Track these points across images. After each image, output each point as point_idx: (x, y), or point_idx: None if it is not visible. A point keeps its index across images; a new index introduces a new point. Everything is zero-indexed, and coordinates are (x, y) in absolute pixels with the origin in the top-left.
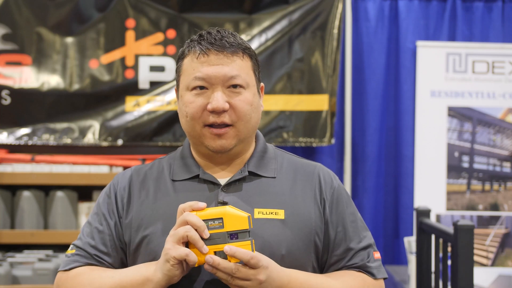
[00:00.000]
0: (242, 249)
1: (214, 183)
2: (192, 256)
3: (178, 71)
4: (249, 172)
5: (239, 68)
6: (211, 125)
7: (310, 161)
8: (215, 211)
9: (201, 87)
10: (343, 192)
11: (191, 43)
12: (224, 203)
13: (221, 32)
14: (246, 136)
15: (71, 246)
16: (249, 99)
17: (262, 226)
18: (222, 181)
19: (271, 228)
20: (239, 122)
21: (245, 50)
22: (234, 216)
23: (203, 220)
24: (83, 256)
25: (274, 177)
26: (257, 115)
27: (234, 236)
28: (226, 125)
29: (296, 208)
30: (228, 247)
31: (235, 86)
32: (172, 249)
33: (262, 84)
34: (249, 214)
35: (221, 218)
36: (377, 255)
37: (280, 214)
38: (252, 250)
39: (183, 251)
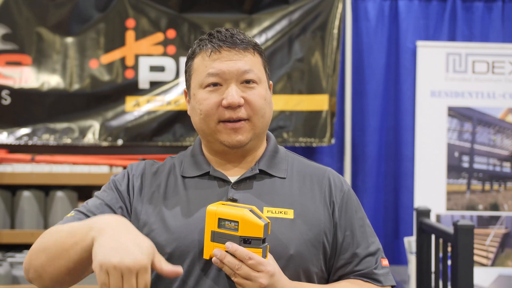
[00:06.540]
0: (243, 248)
1: (224, 180)
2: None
3: (188, 70)
4: (260, 170)
5: (252, 63)
6: (226, 121)
7: (321, 165)
8: (233, 213)
9: (215, 84)
10: (353, 196)
11: (201, 42)
12: (233, 200)
13: (230, 30)
14: (260, 131)
15: (71, 211)
16: (262, 93)
17: (271, 225)
18: (233, 179)
19: (280, 228)
20: (254, 116)
21: (255, 46)
22: (250, 222)
23: (221, 218)
24: (80, 218)
25: (285, 178)
26: (270, 110)
27: (247, 241)
28: (241, 120)
29: (306, 208)
30: (230, 244)
31: (248, 81)
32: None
33: (271, 82)
34: (268, 221)
35: (237, 222)
36: (385, 262)
37: (290, 213)
38: (265, 257)
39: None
